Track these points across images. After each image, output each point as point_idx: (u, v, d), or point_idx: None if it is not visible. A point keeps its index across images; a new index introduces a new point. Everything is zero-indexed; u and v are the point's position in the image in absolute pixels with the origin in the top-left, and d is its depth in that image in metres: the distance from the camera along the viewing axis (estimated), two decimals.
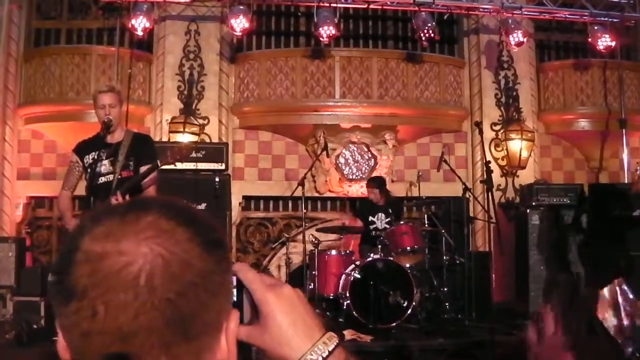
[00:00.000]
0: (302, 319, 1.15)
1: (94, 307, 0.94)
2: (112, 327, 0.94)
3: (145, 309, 0.94)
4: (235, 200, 11.37)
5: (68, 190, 6.25)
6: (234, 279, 1.13)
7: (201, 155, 9.98)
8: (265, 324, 1.13)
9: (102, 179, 5.88)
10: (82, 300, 0.95)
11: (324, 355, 1.13)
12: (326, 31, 10.86)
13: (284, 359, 1.13)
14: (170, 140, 11.03)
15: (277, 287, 1.16)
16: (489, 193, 8.29)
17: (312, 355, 1.12)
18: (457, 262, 9.77)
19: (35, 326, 8.58)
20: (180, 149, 6.04)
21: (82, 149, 6.19)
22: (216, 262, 1.03)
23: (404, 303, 8.44)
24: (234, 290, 1.13)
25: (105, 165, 5.91)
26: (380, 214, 9.80)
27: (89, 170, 5.99)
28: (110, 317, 0.94)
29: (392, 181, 11.98)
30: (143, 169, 5.96)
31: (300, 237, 9.97)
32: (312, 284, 9.17)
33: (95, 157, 5.92)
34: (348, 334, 8.00)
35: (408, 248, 9.11)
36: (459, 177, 10.38)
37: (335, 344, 1.14)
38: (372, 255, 8.89)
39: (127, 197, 5.53)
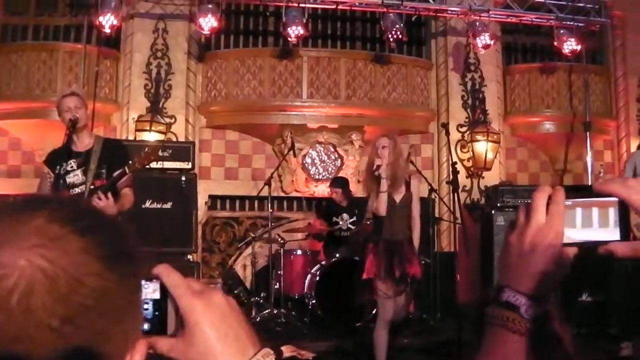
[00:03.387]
0: (234, 332, 0.99)
1: None
2: None
3: (20, 336, 0.78)
4: (202, 199, 11.29)
5: None
6: (157, 283, 0.99)
7: (168, 154, 9.90)
8: (191, 336, 0.98)
9: (75, 190, 5.65)
10: None
11: None
12: (294, 31, 10.89)
13: None
14: (137, 139, 10.97)
15: (205, 293, 1.00)
16: (455, 194, 8.34)
17: None
18: (423, 262, 9.79)
19: None
20: (148, 154, 5.73)
21: (52, 160, 5.91)
22: (119, 280, 0.86)
23: (369, 303, 8.47)
24: (153, 297, 0.99)
25: (77, 176, 5.72)
26: (343, 214, 9.81)
27: (60, 181, 5.73)
28: None
29: (359, 182, 12.01)
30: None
31: (266, 236, 9.95)
32: (277, 284, 9.18)
33: (67, 167, 5.71)
34: (287, 350, 7.97)
35: None
36: (425, 178, 10.37)
37: None
38: (337, 255, 8.91)
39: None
